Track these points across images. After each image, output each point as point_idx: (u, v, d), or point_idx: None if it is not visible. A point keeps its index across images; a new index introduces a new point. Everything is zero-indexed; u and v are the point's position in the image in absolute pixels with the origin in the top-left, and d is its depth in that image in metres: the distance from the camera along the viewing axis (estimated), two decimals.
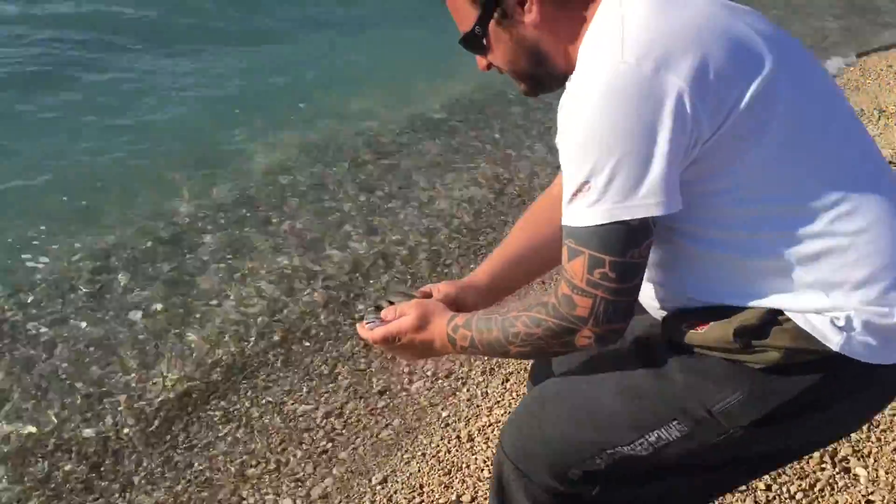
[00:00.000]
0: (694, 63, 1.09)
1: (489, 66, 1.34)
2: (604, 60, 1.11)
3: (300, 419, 2.60)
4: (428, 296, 1.52)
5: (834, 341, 1.14)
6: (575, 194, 1.13)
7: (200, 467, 2.39)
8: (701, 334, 1.21)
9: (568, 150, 1.14)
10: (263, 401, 2.68)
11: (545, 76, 1.30)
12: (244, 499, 2.27)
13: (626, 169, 1.09)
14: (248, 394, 2.70)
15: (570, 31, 1.23)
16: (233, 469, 2.39)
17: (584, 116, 1.11)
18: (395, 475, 2.30)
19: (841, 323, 1.14)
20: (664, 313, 1.30)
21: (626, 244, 1.13)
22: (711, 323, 1.20)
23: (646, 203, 1.10)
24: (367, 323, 1.42)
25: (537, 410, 1.37)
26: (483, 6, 1.24)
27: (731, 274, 1.20)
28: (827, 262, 1.16)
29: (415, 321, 1.36)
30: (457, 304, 1.45)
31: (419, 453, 2.39)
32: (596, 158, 1.10)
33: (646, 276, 1.20)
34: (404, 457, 2.38)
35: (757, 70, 1.13)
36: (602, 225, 1.12)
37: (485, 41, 1.28)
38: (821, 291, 1.16)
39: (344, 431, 2.53)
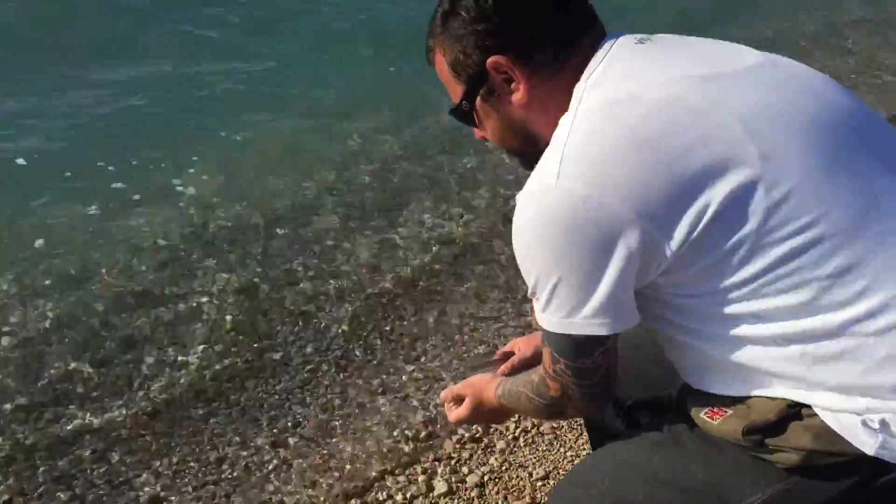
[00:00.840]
0: (641, 180, 1.00)
1: (484, 137, 1.28)
2: (542, 177, 1.05)
3: None
4: (509, 355, 1.63)
5: (868, 444, 1.01)
6: (531, 296, 1.12)
7: None
8: (716, 426, 1.12)
9: (518, 254, 1.10)
10: None
11: (536, 155, 1.16)
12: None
13: (566, 290, 1.05)
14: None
15: (558, 105, 1.13)
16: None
17: (524, 234, 1.07)
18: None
19: (875, 425, 1.01)
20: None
21: (576, 353, 1.11)
22: (728, 412, 1.11)
23: (588, 323, 1.06)
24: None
25: (568, 491, 1.33)
26: (467, 82, 1.19)
27: (739, 370, 1.10)
28: (854, 362, 1.02)
29: (468, 411, 1.45)
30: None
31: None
32: (537, 275, 1.07)
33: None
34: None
35: (731, 173, 0.99)
36: (551, 332, 1.11)
37: (474, 115, 1.23)
38: (849, 392, 1.03)
39: None
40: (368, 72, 5.07)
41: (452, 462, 2.28)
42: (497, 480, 2.21)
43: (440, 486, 2.18)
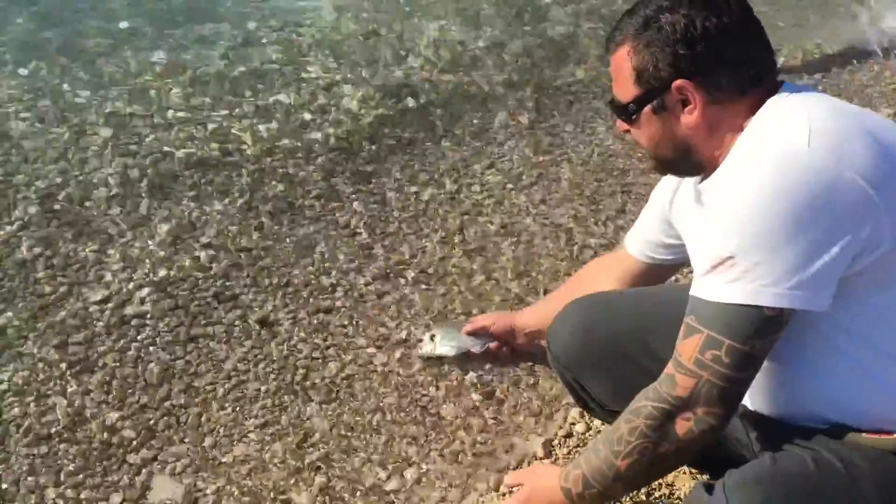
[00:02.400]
0: (885, 169, 1.07)
1: (628, 131, 1.34)
2: (786, 145, 1.09)
3: None
4: (484, 330, 2.07)
5: None
6: (714, 267, 1.09)
7: None
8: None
9: (720, 224, 1.10)
10: None
11: (683, 165, 1.31)
12: None
13: (783, 255, 1.04)
14: None
15: (730, 125, 1.21)
16: None
17: (752, 194, 1.07)
18: None
19: None
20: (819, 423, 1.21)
21: (753, 332, 1.08)
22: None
23: (792, 294, 1.05)
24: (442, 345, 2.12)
25: None
26: (646, 91, 1.24)
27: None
28: None
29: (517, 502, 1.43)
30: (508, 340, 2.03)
31: None
32: (752, 237, 1.06)
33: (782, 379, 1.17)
34: None
35: None
36: (734, 305, 1.07)
37: (635, 117, 1.28)
38: None
39: None
40: None
41: None
42: None
43: None
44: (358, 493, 1.80)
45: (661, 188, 1.62)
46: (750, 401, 1.31)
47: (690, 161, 1.29)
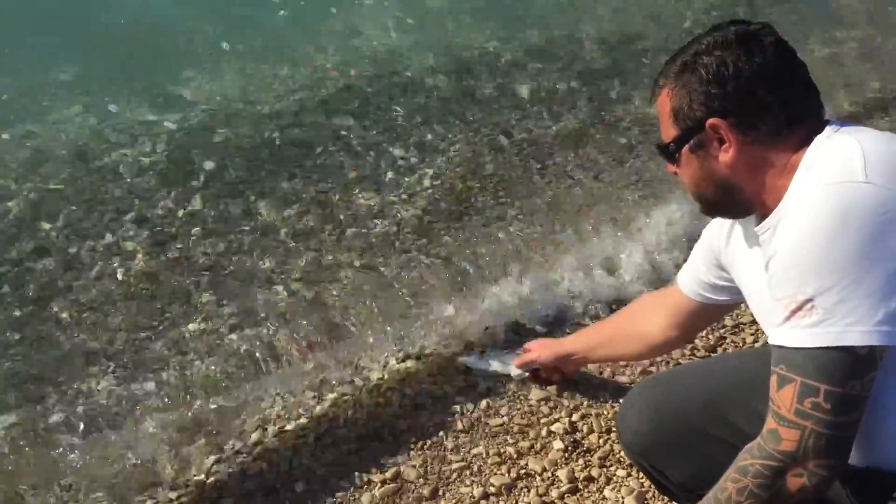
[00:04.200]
0: None
1: (676, 173, 1.36)
2: (843, 180, 1.08)
3: None
4: (532, 364, 2.16)
5: None
6: (794, 313, 1.07)
7: None
8: None
9: (790, 267, 1.08)
10: None
11: (728, 205, 1.31)
12: None
13: (862, 291, 1.02)
14: None
15: (775, 166, 1.21)
16: None
17: (818, 234, 1.05)
18: None
19: None
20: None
21: (848, 373, 1.04)
22: None
23: (879, 330, 1.02)
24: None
25: None
26: (683, 130, 1.26)
27: None
28: None
29: None
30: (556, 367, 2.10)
31: None
32: (827, 277, 1.04)
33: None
34: None
35: None
36: (822, 349, 1.04)
37: (676, 157, 1.31)
38: None
39: None
40: None
41: None
42: None
43: None
44: None
45: (711, 229, 1.58)
46: None
47: (735, 202, 1.28)
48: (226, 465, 2.02)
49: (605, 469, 1.96)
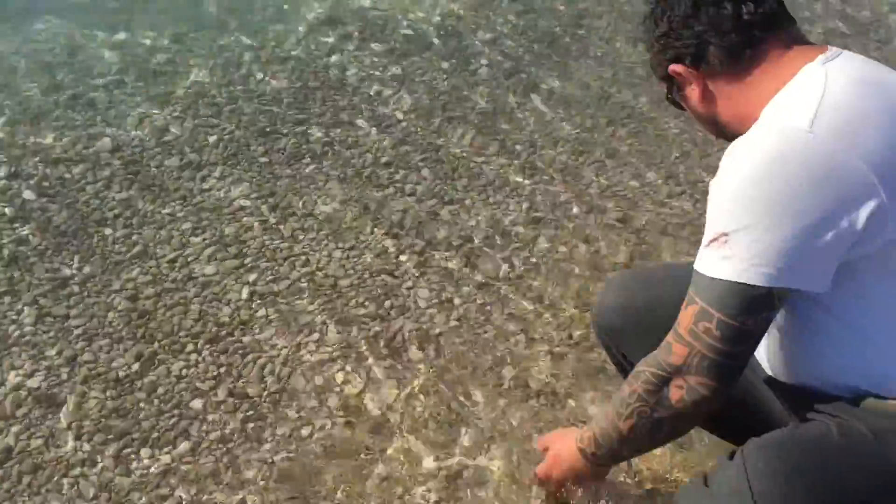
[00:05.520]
0: (891, 151, 1.07)
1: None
2: (790, 123, 1.10)
3: None
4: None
5: None
6: (711, 241, 1.11)
7: None
8: None
9: (719, 196, 1.12)
10: None
11: (725, 135, 1.32)
12: None
13: (774, 237, 1.05)
14: None
15: (747, 93, 1.23)
16: None
17: (751, 170, 1.09)
18: None
19: None
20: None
21: (743, 309, 1.09)
22: None
23: (786, 274, 1.06)
24: None
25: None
26: (665, 83, 1.36)
27: None
28: None
29: (547, 467, 1.52)
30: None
31: None
32: (745, 217, 1.07)
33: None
34: None
35: None
36: (726, 281, 1.09)
37: (679, 104, 1.39)
38: None
39: None
40: None
41: None
42: None
43: None
44: None
45: None
46: (772, 370, 1.33)
47: (726, 132, 1.31)
48: None
49: None
